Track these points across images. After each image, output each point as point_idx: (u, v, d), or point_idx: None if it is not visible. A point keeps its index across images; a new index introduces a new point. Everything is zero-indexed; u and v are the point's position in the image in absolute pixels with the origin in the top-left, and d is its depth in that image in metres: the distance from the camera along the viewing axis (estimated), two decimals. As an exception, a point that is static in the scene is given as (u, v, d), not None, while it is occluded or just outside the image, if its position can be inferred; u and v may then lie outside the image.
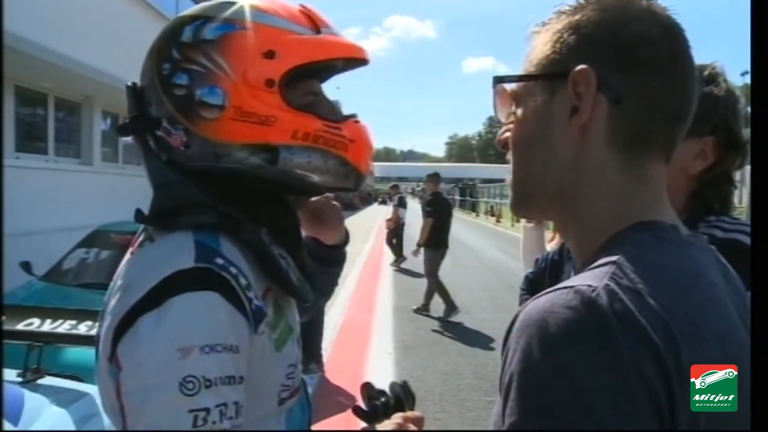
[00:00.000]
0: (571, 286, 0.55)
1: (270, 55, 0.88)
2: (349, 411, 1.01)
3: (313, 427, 1.07)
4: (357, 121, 0.99)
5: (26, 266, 4.84)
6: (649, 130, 0.64)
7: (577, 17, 0.65)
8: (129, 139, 0.97)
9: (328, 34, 0.94)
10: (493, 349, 6.06)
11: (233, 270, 0.83)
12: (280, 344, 0.92)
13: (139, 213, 0.92)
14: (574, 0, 0.67)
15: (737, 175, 1.21)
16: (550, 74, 0.65)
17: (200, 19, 0.89)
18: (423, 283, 7.67)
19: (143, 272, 0.82)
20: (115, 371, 0.79)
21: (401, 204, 12.63)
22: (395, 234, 12.28)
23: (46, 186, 7.39)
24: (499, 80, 0.71)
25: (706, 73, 1.14)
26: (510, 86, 0.71)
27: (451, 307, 7.55)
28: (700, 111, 1.07)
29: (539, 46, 0.68)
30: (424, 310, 7.83)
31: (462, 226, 25.87)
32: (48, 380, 2.30)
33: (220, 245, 0.86)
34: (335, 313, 7.52)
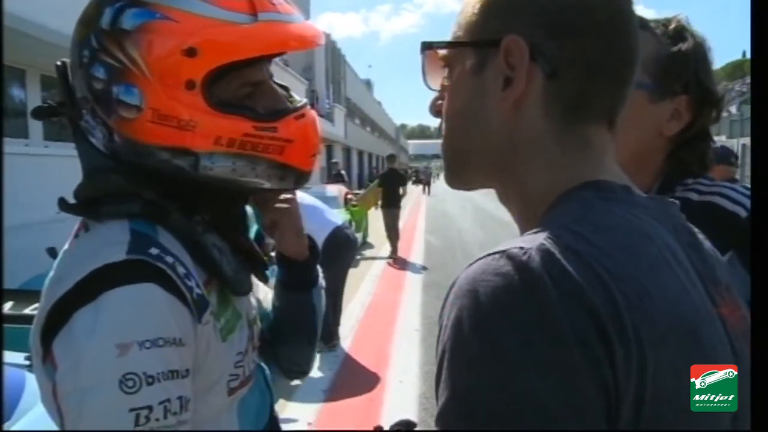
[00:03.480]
0: (503, 250, 0.50)
1: (191, 52, 0.78)
2: (370, 394, 0.93)
3: (332, 405, 1.01)
4: (301, 115, 0.88)
5: (52, 252, 4.93)
6: (589, 97, 0.59)
7: None
8: None
9: (267, 20, 0.81)
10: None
11: (169, 259, 0.78)
12: (225, 333, 0.87)
13: (62, 201, 0.86)
14: None
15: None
16: (481, 41, 0.61)
17: (121, 0, 0.80)
18: (454, 257, 7.66)
19: (74, 264, 0.78)
20: (50, 370, 0.74)
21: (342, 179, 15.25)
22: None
23: (75, 173, 7.48)
24: (427, 46, 0.67)
25: (671, 27, 1.05)
26: (442, 50, 0.66)
27: (393, 252, 10.31)
28: (670, 70, 1.02)
29: (468, 8, 0.63)
30: (393, 254, 10.28)
31: (494, 201, 25.53)
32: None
33: (157, 234, 0.82)
34: (364, 291, 7.52)
